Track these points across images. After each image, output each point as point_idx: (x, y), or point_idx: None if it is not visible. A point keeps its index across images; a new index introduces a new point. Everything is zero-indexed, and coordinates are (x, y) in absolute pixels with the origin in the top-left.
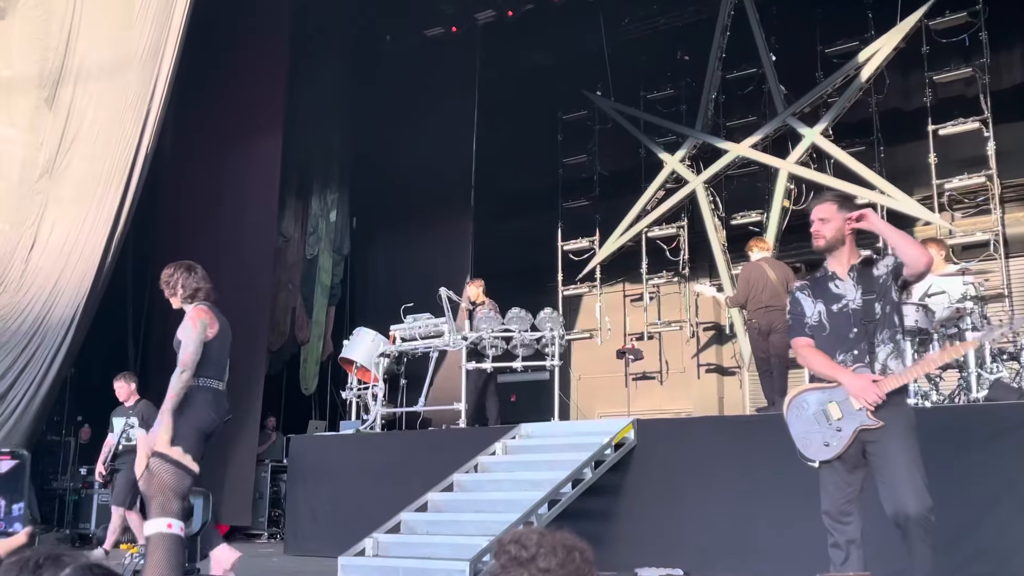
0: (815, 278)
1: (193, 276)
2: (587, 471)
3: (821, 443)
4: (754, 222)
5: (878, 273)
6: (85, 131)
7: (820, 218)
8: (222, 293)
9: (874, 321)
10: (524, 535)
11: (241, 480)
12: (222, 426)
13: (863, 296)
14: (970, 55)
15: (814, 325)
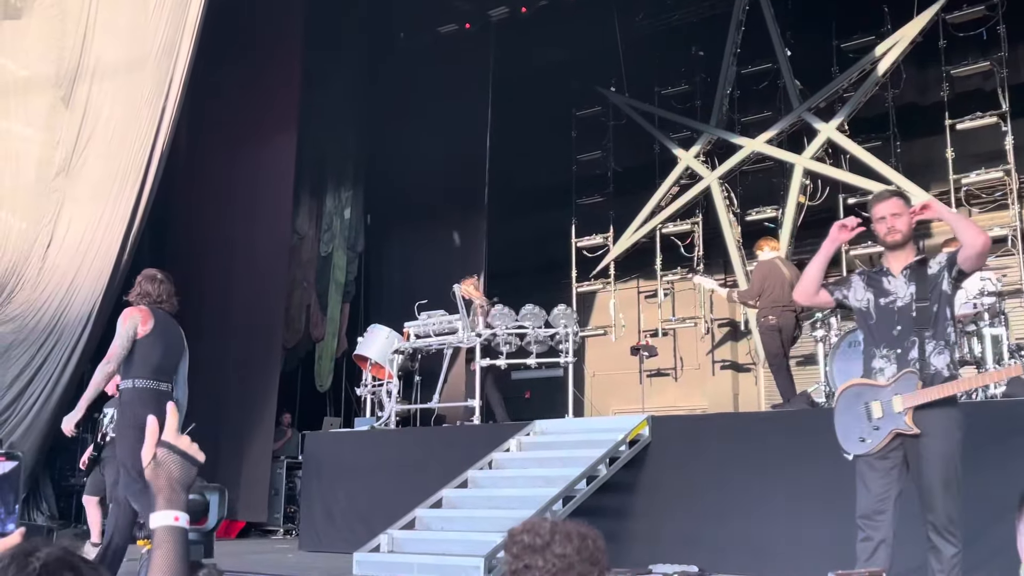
0: (871, 272)
1: (151, 284)
2: (602, 468)
3: (857, 438)
4: (769, 218)
5: (932, 272)
6: (101, 129)
7: (893, 213)
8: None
9: (925, 322)
10: (536, 524)
11: (256, 477)
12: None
13: (915, 295)
14: (988, 49)
15: (862, 310)
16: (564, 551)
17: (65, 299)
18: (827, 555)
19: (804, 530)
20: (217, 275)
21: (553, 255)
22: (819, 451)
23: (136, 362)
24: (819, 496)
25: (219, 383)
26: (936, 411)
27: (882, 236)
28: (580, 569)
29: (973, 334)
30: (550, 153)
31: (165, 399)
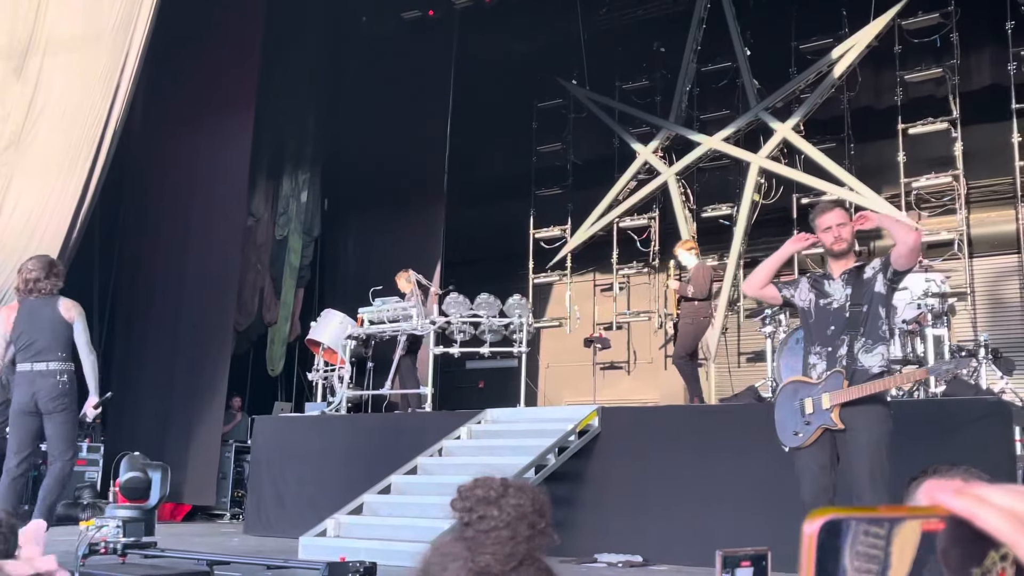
0: (817, 275)
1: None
2: (551, 457)
3: (792, 431)
4: (724, 215)
5: (867, 276)
6: (53, 103)
7: (839, 223)
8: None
9: (856, 323)
10: (487, 479)
11: (204, 460)
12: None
13: (850, 298)
14: (941, 56)
15: (804, 309)
16: (519, 501)
17: (12, 275)
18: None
19: (747, 521)
20: (170, 254)
21: (510, 245)
22: (763, 444)
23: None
24: (762, 488)
25: (169, 364)
26: (862, 407)
27: (828, 245)
28: (531, 519)
29: (916, 334)
30: (510, 143)
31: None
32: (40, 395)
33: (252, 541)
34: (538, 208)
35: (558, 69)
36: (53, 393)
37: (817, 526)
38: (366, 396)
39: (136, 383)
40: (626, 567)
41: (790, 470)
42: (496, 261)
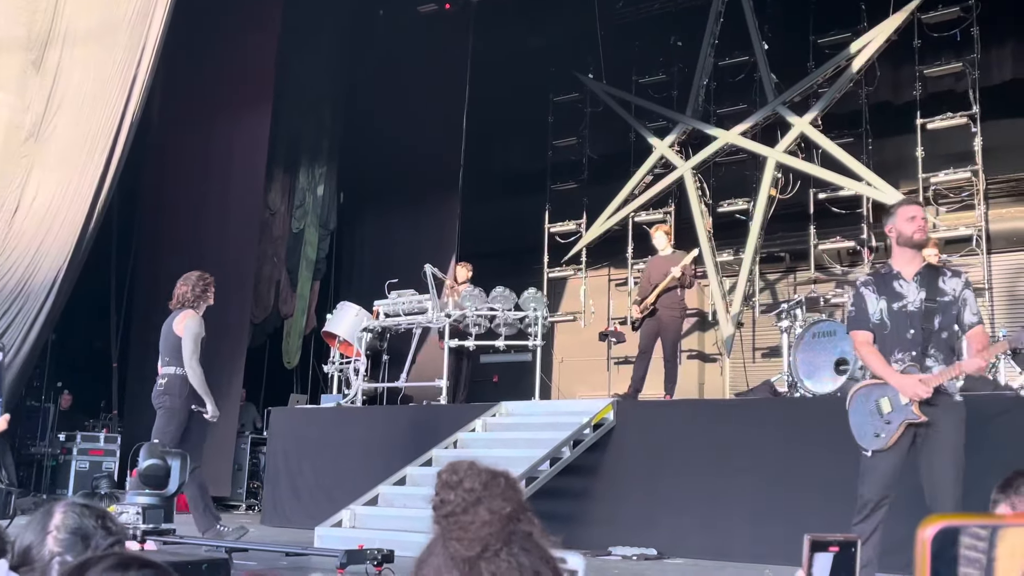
0: (879, 274)
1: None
2: (565, 450)
3: (872, 433)
4: (740, 210)
5: (944, 287)
6: (71, 95)
7: (923, 216)
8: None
9: (931, 329)
10: (457, 463)
11: (221, 451)
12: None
13: (925, 300)
14: (961, 50)
15: (876, 323)
16: (472, 486)
17: (31, 265)
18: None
19: (762, 516)
20: (186, 246)
21: (526, 239)
22: (779, 439)
23: None
24: (778, 483)
25: None
26: (945, 406)
27: (909, 234)
28: (489, 504)
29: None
30: (526, 137)
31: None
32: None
33: (269, 531)
34: (553, 202)
35: (574, 63)
36: (155, 394)
37: (932, 532)
38: (381, 388)
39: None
40: (640, 560)
41: (805, 465)
42: (511, 255)
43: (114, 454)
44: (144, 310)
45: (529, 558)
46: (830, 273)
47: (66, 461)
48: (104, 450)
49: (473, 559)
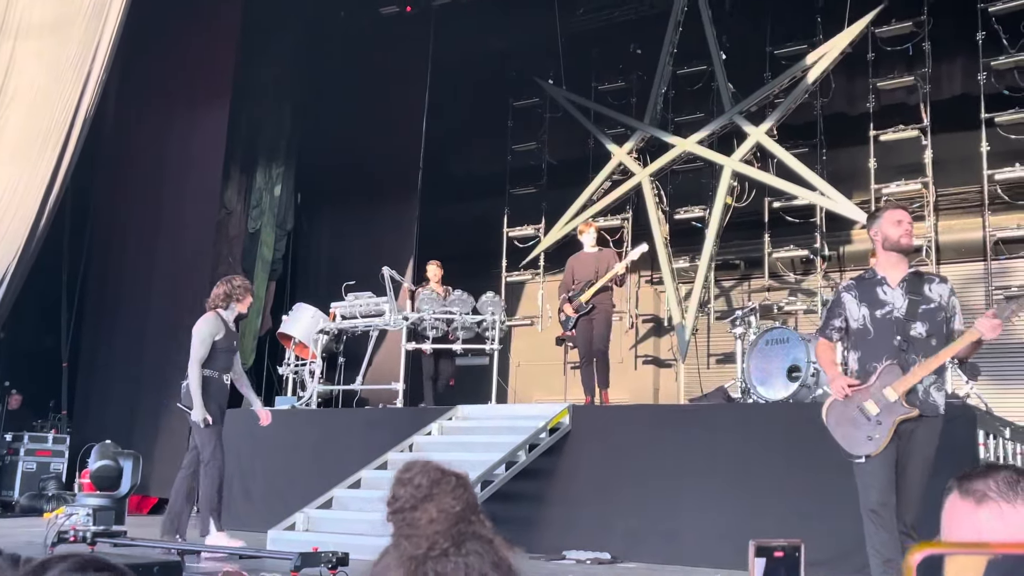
0: (863, 280)
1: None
2: (521, 454)
3: (864, 438)
4: (697, 217)
5: (930, 294)
6: (24, 90)
7: (911, 221)
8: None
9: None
10: (412, 461)
11: (172, 452)
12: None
13: (910, 306)
14: (913, 64)
15: (858, 329)
16: (421, 482)
17: None
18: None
19: (716, 520)
20: (141, 244)
21: (484, 243)
22: (733, 444)
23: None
24: (731, 487)
25: (137, 355)
26: (924, 420)
27: (896, 238)
28: (437, 502)
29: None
30: (486, 141)
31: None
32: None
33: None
34: (512, 207)
35: (534, 68)
36: (181, 395)
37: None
38: (337, 391)
39: (104, 374)
40: (594, 564)
41: (756, 471)
42: (469, 259)
43: (63, 455)
44: (96, 309)
45: (479, 560)
46: (783, 281)
47: (12, 462)
48: (52, 451)
49: (420, 558)
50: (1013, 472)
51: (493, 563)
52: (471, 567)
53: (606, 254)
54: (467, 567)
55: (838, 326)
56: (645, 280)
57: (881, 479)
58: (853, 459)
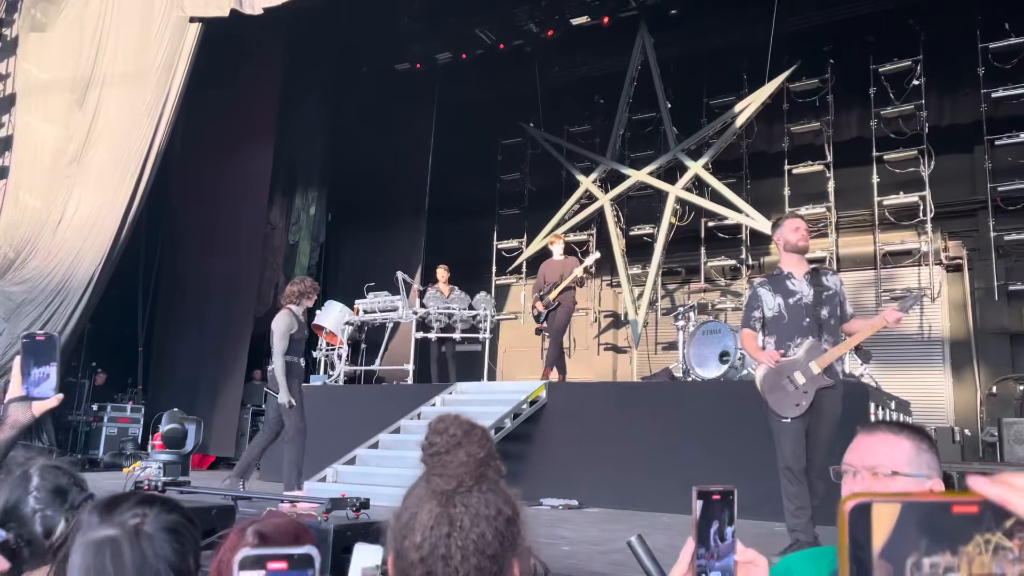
0: (773, 276)
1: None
2: (507, 421)
3: (792, 404)
4: (647, 234)
5: (828, 283)
6: (108, 128)
7: (807, 228)
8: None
9: (822, 318)
10: (445, 415)
11: (227, 420)
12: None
13: (815, 294)
14: (819, 113)
15: (774, 316)
16: (455, 432)
17: (71, 267)
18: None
19: (661, 473)
20: (203, 253)
21: (478, 253)
22: (675, 413)
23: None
24: (674, 447)
25: (198, 343)
26: (831, 388)
27: (795, 241)
28: (467, 448)
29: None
30: (479, 172)
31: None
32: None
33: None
34: (500, 224)
35: (519, 114)
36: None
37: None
38: (360, 371)
39: (172, 358)
40: (565, 509)
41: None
42: (466, 266)
43: (139, 422)
44: (166, 304)
45: (495, 497)
46: (716, 284)
47: (98, 427)
48: (130, 418)
49: (450, 492)
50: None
51: (504, 499)
52: (489, 501)
53: (570, 261)
54: (486, 501)
55: (757, 316)
56: (606, 283)
57: (796, 440)
58: (780, 419)
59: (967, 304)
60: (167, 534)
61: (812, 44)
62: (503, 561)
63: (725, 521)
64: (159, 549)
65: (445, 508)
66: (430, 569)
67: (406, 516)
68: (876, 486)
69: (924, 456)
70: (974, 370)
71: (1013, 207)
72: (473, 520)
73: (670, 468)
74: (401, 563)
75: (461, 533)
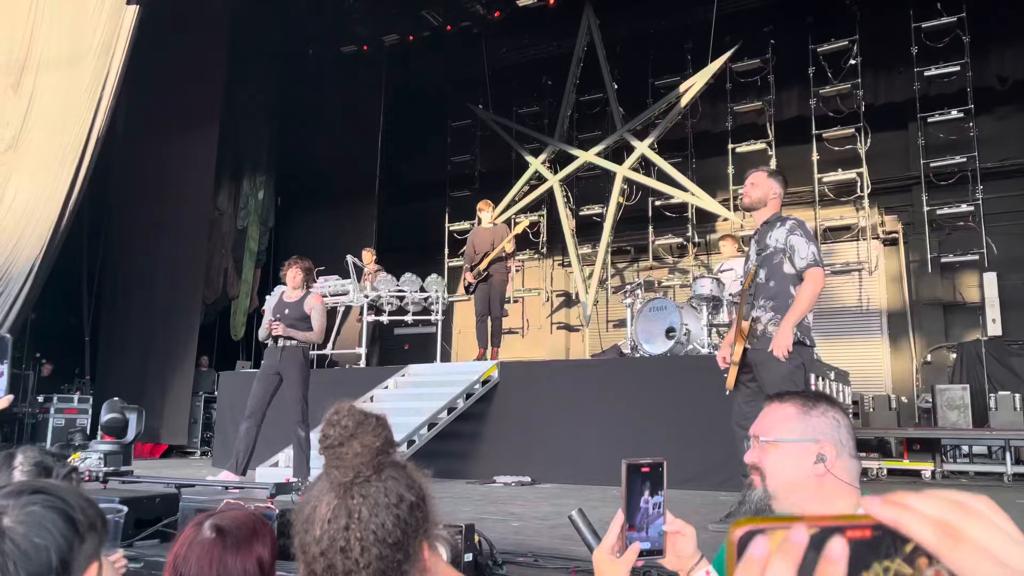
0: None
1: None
2: (459, 401)
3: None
4: (596, 213)
5: (768, 241)
6: (45, 113)
7: (752, 183)
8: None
9: (759, 282)
10: (340, 405)
11: (178, 407)
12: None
13: (756, 258)
14: (762, 92)
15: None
16: (347, 423)
17: (11, 256)
18: None
19: (610, 448)
20: (147, 241)
21: (429, 235)
22: (624, 388)
23: None
24: (623, 422)
25: (148, 331)
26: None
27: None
28: (362, 439)
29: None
30: (429, 154)
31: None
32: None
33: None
34: (452, 206)
35: (467, 96)
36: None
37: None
38: (312, 356)
39: (119, 347)
40: (518, 486)
41: (643, 407)
42: (418, 248)
43: (87, 412)
44: (111, 293)
45: (396, 484)
46: (664, 262)
47: (44, 419)
48: (77, 409)
49: (347, 484)
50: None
51: (407, 485)
52: (389, 489)
53: (500, 228)
54: (386, 489)
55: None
56: (558, 263)
57: (738, 401)
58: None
59: (903, 276)
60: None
61: (753, 24)
62: (408, 547)
63: (655, 492)
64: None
65: (343, 500)
66: (331, 562)
67: (307, 509)
68: (761, 454)
69: (812, 421)
70: (910, 340)
71: (945, 182)
72: (372, 510)
73: (621, 442)
74: (304, 556)
75: (360, 524)
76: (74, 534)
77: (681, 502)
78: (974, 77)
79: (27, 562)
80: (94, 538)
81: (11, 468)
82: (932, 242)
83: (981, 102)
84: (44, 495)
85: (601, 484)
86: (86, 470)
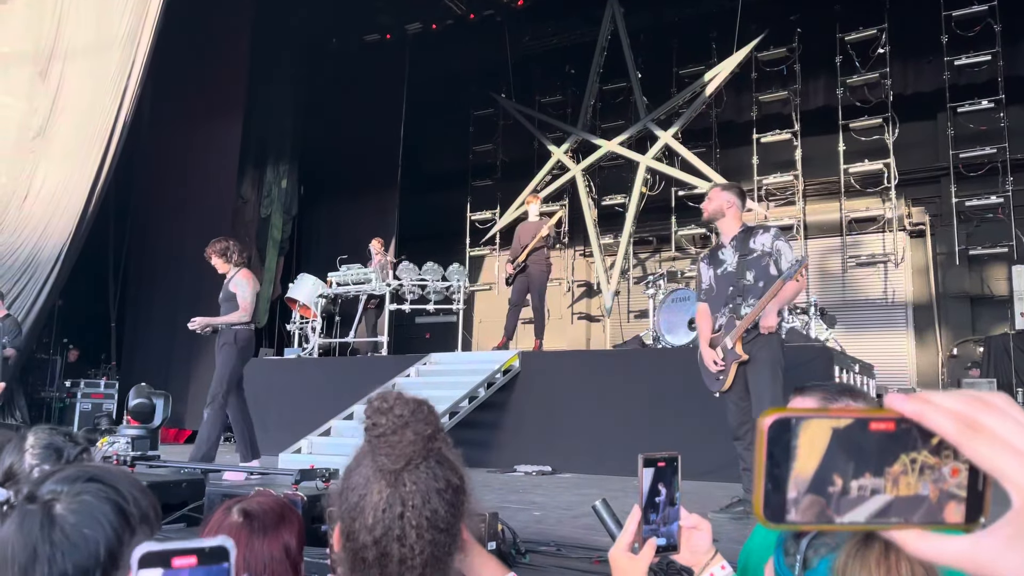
0: (712, 248)
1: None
2: (481, 390)
3: (715, 379)
4: (619, 203)
5: (754, 246)
6: (72, 101)
7: (708, 198)
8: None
9: (746, 284)
10: (386, 392)
11: (203, 394)
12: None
13: (739, 262)
14: (787, 82)
15: (707, 289)
16: (402, 412)
17: (39, 242)
18: None
19: (630, 439)
20: (173, 228)
21: (451, 225)
22: (645, 380)
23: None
24: (644, 414)
25: (172, 317)
26: (759, 341)
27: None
28: (415, 427)
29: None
30: (452, 144)
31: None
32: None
33: None
34: (473, 196)
35: (490, 84)
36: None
37: (770, 421)
38: (334, 343)
39: (145, 331)
40: (539, 475)
41: (664, 399)
42: (440, 238)
43: (113, 397)
44: (137, 279)
45: (443, 470)
46: (686, 253)
47: (71, 403)
48: (104, 394)
49: (398, 471)
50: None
51: (451, 467)
52: (437, 475)
53: (543, 222)
54: (435, 475)
55: (704, 289)
56: (579, 254)
57: (732, 410)
58: (712, 394)
59: (929, 269)
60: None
61: (779, 13)
62: (455, 530)
63: (672, 487)
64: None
65: (395, 488)
66: (384, 550)
67: (354, 497)
68: None
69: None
70: (936, 333)
71: (974, 173)
72: (424, 498)
73: (642, 433)
74: (352, 544)
75: (414, 512)
76: (125, 527)
77: (702, 494)
78: (1005, 66)
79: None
80: (146, 530)
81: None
82: (960, 234)
83: (1012, 92)
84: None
85: (621, 475)
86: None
